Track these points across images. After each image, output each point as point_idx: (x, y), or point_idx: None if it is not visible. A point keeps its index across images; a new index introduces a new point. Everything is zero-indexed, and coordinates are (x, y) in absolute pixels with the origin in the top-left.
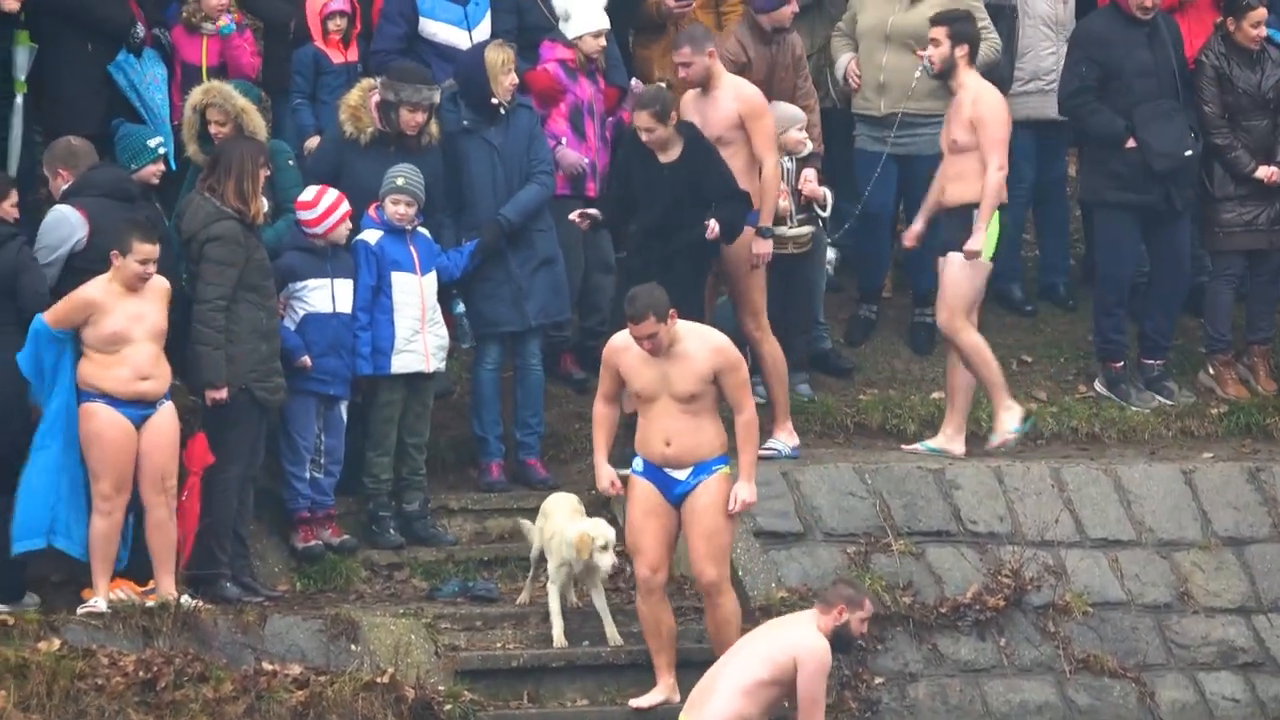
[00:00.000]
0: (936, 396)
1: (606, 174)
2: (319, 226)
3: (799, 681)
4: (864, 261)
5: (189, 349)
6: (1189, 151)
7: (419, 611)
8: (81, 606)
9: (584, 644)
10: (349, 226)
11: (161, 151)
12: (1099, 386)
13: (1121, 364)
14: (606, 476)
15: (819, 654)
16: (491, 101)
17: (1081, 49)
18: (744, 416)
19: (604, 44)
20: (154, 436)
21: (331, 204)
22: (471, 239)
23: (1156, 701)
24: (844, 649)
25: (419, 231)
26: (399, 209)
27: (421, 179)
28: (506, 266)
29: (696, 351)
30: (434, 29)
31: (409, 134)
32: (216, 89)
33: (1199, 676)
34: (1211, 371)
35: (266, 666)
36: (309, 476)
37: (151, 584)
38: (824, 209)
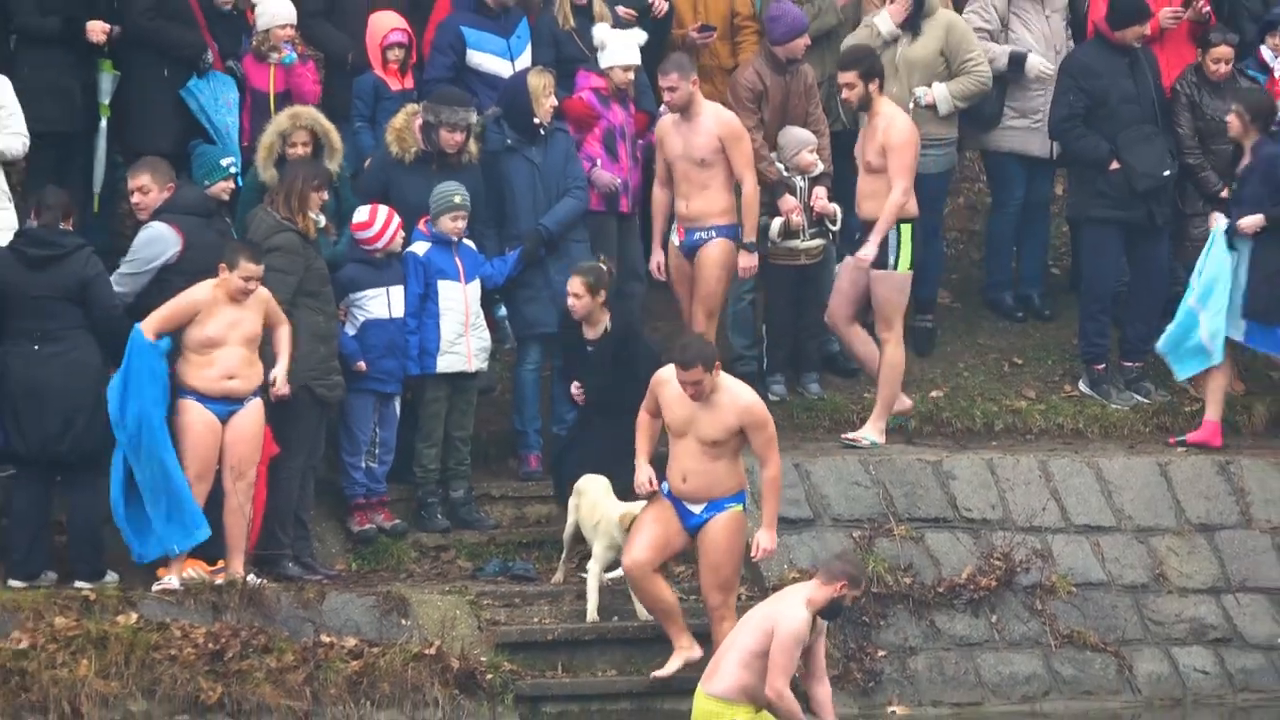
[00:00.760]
0: (935, 395)
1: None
2: (379, 242)
3: (771, 649)
4: (916, 275)
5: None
6: (1168, 172)
7: (463, 589)
8: (156, 584)
9: (614, 619)
10: (404, 236)
11: (232, 170)
12: (1083, 386)
13: (1103, 366)
14: (645, 474)
15: (793, 625)
16: (533, 122)
17: (1071, 78)
18: (769, 472)
19: (632, 77)
20: (238, 430)
21: (386, 220)
22: (514, 248)
23: (1134, 673)
24: (831, 617)
25: (463, 243)
26: (456, 224)
27: (468, 195)
28: (545, 273)
29: (728, 405)
30: (480, 59)
31: (449, 152)
32: (305, 113)
33: (1173, 651)
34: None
35: (324, 639)
36: (364, 466)
37: (221, 564)
38: (834, 224)
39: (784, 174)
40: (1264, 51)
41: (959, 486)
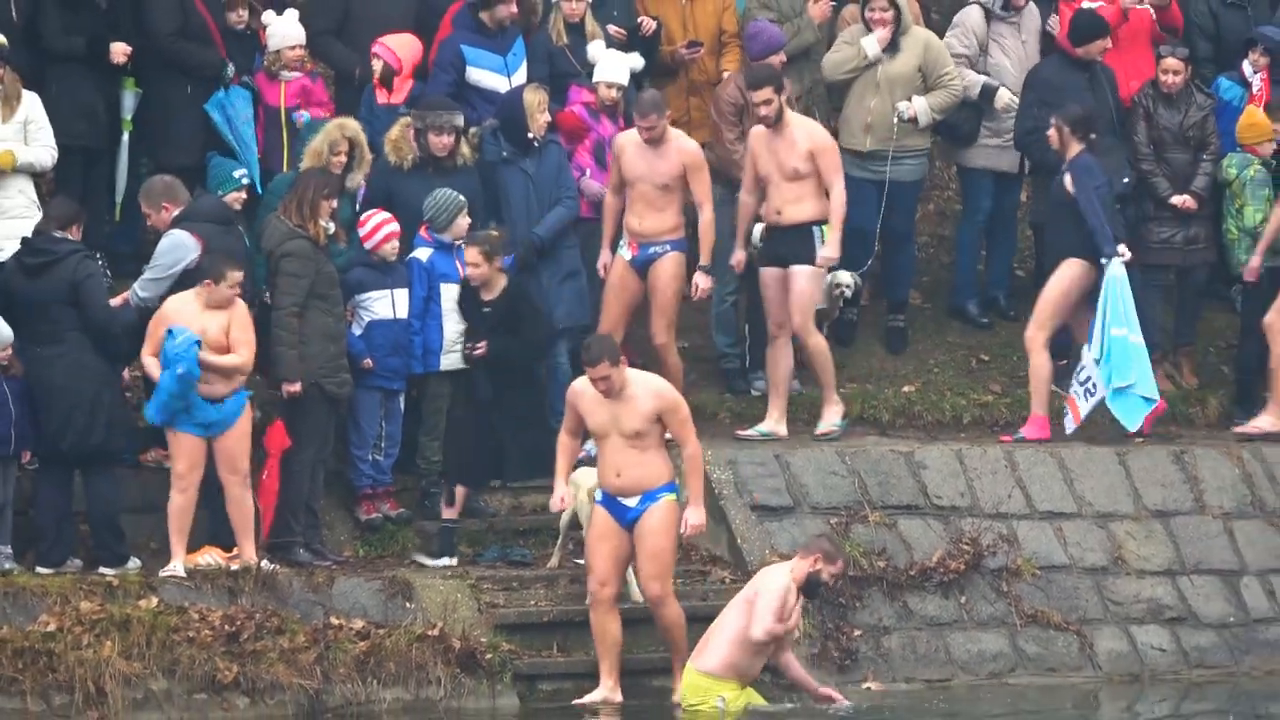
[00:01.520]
0: (907, 390)
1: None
2: (368, 244)
3: (757, 603)
4: (889, 277)
5: (270, 349)
6: (1125, 180)
7: (464, 574)
8: (162, 570)
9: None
10: (395, 245)
11: (245, 181)
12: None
13: (1065, 361)
14: (559, 494)
15: (776, 586)
16: (528, 136)
17: (1034, 93)
18: (688, 450)
19: (616, 95)
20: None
21: (375, 225)
22: (508, 255)
23: (1095, 651)
24: (811, 595)
25: (463, 248)
26: (467, 219)
27: (460, 201)
28: (538, 278)
29: (641, 395)
30: (478, 76)
31: (440, 156)
32: (350, 124)
33: (1131, 629)
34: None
35: (334, 621)
36: (371, 459)
37: (236, 550)
38: None
39: None
40: (1245, 67)
41: (930, 476)
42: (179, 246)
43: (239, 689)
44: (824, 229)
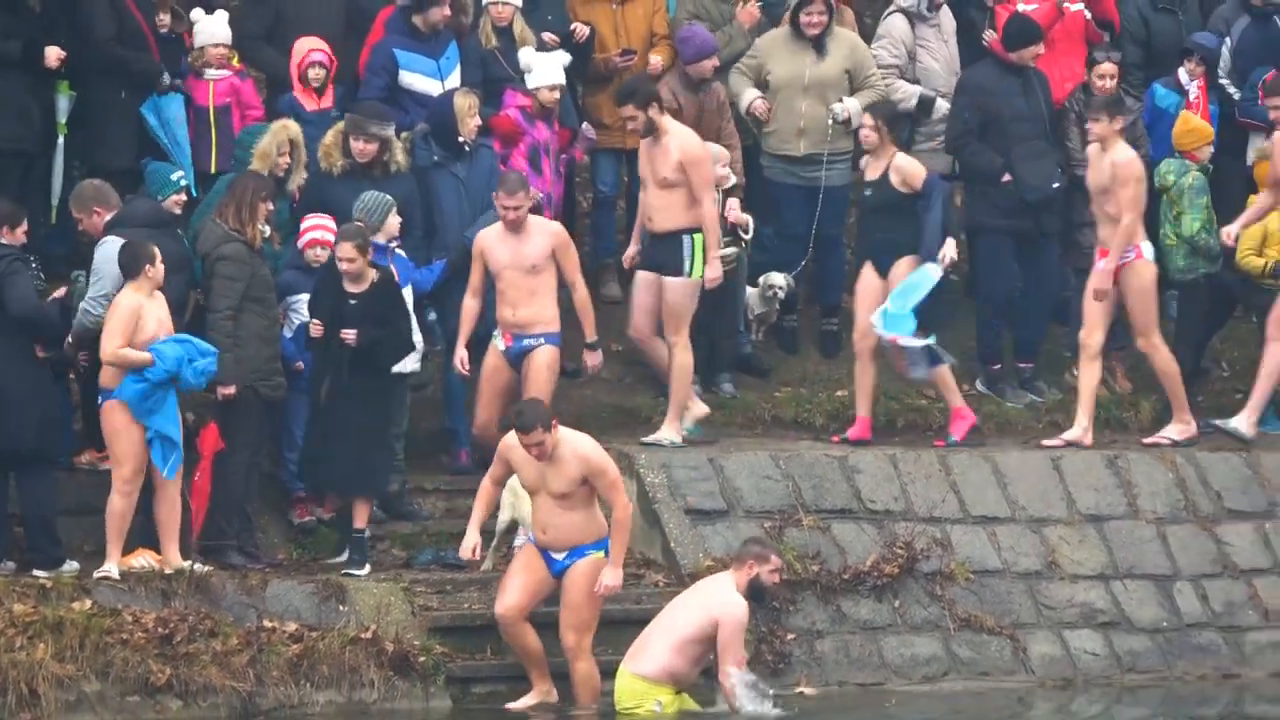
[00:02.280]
0: (840, 394)
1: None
2: (300, 242)
3: (719, 637)
4: (821, 282)
5: None
6: (1056, 184)
7: (398, 577)
8: (97, 571)
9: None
10: (321, 251)
11: (183, 184)
12: (980, 385)
13: (999, 366)
14: (471, 541)
15: (736, 612)
16: (459, 140)
17: (966, 96)
18: (616, 513)
19: (558, 96)
20: None
21: (306, 228)
22: (441, 258)
23: (1028, 655)
24: (759, 599)
25: (397, 252)
26: (397, 219)
27: (386, 201)
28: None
29: (568, 458)
30: (411, 80)
31: (362, 162)
32: (292, 127)
33: (1065, 634)
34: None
35: (267, 624)
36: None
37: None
38: (746, 233)
39: None
40: (1181, 75)
41: (864, 480)
42: (113, 251)
43: (172, 691)
44: (695, 238)
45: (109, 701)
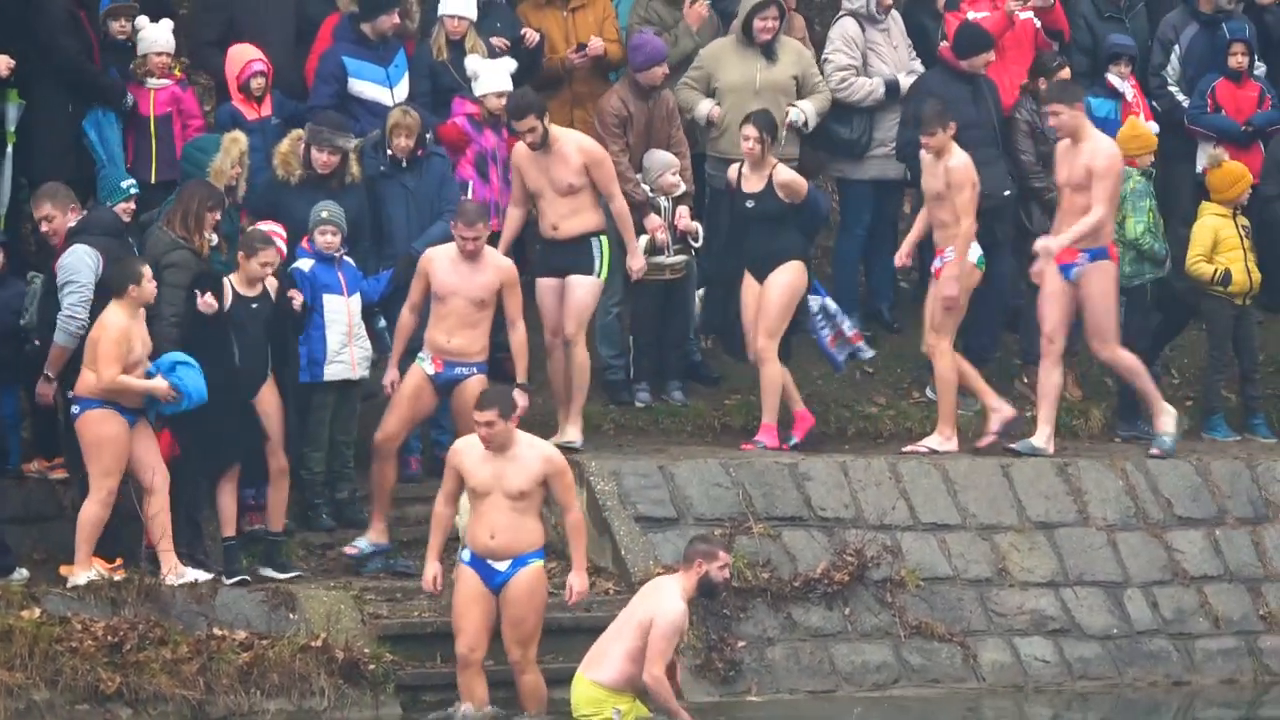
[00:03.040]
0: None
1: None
2: None
3: (650, 638)
4: None
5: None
6: (1008, 192)
7: (348, 585)
8: (73, 579)
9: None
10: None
11: (133, 191)
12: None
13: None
14: (432, 571)
15: (671, 616)
16: (388, 153)
17: (918, 104)
18: (571, 516)
19: (505, 103)
20: (143, 437)
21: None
22: (389, 267)
23: (979, 662)
24: (711, 596)
25: (345, 260)
26: (326, 238)
27: (342, 212)
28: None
29: (530, 456)
30: (360, 87)
31: (322, 173)
32: (241, 137)
33: (1015, 641)
34: (1026, 380)
35: (217, 632)
36: None
37: (119, 561)
38: (695, 240)
39: (649, 194)
40: (1112, 79)
41: (814, 487)
42: (84, 258)
43: (122, 699)
44: (603, 240)
45: (58, 710)
